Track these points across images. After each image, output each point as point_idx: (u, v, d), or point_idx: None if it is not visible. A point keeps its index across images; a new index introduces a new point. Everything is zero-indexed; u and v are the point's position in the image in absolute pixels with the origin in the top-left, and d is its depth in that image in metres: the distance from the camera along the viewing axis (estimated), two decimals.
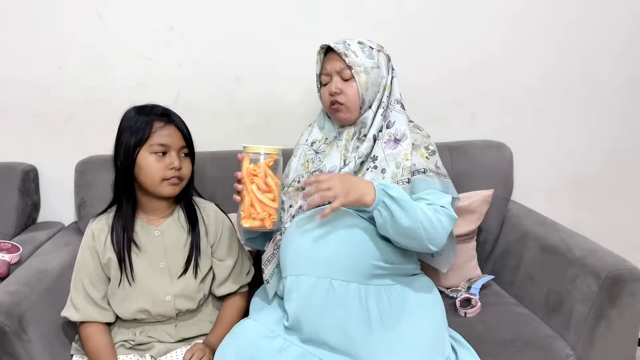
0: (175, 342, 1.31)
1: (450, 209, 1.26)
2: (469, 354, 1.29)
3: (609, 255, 1.44)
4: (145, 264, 1.30)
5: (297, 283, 1.20)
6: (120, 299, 1.29)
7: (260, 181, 1.18)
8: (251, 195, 1.18)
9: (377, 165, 1.30)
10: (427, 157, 1.32)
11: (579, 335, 1.41)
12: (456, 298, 1.57)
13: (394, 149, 1.30)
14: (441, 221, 1.22)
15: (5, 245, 1.49)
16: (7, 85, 1.70)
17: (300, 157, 1.42)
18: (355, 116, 1.34)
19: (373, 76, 1.32)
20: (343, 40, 1.33)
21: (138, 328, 1.32)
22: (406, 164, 1.27)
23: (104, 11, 1.68)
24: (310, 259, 1.21)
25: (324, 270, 1.20)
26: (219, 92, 1.79)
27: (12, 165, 1.70)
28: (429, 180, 1.28)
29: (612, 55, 1.93)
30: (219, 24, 1.73)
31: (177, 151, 1.29)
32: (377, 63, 1.34)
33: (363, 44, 1.34)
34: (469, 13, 1.82)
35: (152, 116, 1.28)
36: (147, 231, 1.32)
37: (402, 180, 1.26)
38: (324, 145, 1.40)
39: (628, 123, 2.01)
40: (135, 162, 1.26)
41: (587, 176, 2.04)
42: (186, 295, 1.31)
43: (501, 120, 1.93)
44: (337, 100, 1.32)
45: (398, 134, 1.32)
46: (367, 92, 1.32)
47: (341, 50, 1.30)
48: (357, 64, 1.30)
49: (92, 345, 1.26)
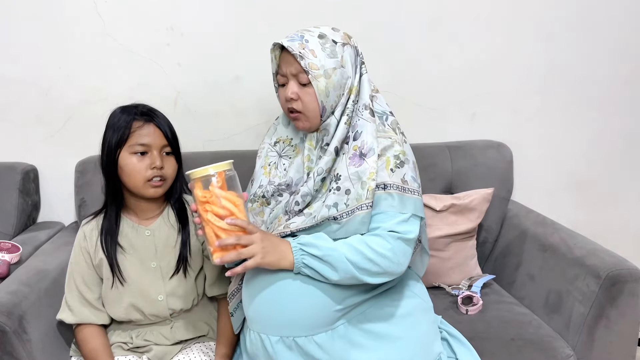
0: (172, 344, 1.31)
1: (402, 231, 1.14)
2: (468, 353, 1.29)
3: (609, 255, 1.44)
4: (136, 264, 1.30)
5: (261, 341, 1.17)
6: (113, 299, 1.29)
7: (215, 207, 1.06)
8: (211, 226, 1.06)
9: (340, 186, 1.15)
10: (392, 169, 1.16)
11: (579, 335, 1.41)
12: (458, 295, 1.57)
13: (359, 166, 1.15)
14: (388, 250, 1.11)
15: (5, 245, 1.49)
16: (7, 85, 1.70)
17: (262, 158, 1.31)
18: (316, 124, 1.19)
19: (335, 79, 1.15)
20: (300, 34, 1.15)
21: (134, 330, 1.31)
22: (371, 185, 1.13)
23: (104, 11, 1.68)
24: (270, 318, 1.16)
25: (286, 330, 1.15)
26: (219, 92, 1.79)
27: (12, 165, 1.70)
28: (385, 198, 1.15)
29: (612, 55, 1.93)
30: (218, 24, 1.73)
31: (159, 150, 1.26)
32: (341, 62, 1.16)
33: (324, 38, 1.16)
34: (469, 13, 1.82)
35: (132, 115, 1.25)
36: (137, 231, 1.31)
37: (365, 204, 1.13)
38: (289, 148, 1.28)
39: (628, 123, 2.01)
40: (118, 164, 1.24)
41: (587, 176, 2.04)
42: (178, 294, 1.31)
43: (501, 120, 1.93)
44: (293, 107, 1.17)
45: (364, 148, 1.16)
46: (327, 99, 1.15)
47: (296, 51, 1.12)
48: (314, 67, 1.13)
49: (89, 348, 1.26)
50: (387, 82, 1.31)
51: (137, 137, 1.24)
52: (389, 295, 1.24)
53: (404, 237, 1.14)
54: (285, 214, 1.21)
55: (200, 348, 1.32)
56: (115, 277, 1.27)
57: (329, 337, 1.15)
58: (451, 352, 1.29)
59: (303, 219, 1.18)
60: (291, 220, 1.19)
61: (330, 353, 1.14)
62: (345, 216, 1.14)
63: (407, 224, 1.15)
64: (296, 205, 1.19)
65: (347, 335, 1.16)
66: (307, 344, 1.14)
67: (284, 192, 1.24)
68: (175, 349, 1.31)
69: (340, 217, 1.15)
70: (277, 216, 1.23)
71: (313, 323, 1.14)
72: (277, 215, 1.23)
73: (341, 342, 1.15)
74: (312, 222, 1.16)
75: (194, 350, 1.31)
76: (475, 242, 1.75)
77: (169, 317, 1.31)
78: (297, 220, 1.18)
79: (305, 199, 1.18)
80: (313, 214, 1.17)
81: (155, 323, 1.32)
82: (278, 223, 1.21)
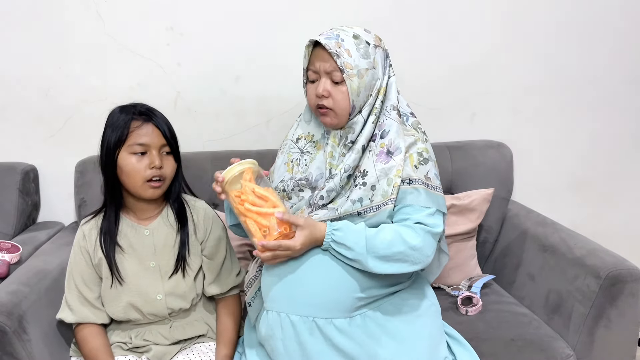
0: (170, 344, 1.31)
1: (430, 224, 1.16)
2: (467, 354, 1.29)
3: (609, 255, 1.44)
4: (135, 263, 1.30)
5: (279, 320, 1.18)
6: (112, 298, 1.29)
7: (250, 197, 1.11)
8: (250, 215, 1.11)
9: (366, 181, 1.18)
10: (416, 165, 1.19)
11: (579, 335, 1.41)
12: (457, 296, 1.57)
13: (386, 163, 1.18)
14: (419, 242, 1.14)
15: (5, 245, 1.49)
16: (7, 85, 1.70)
17: (285, 154, 1.33)
18: (343, 122, 1.22)
19: (367, 79, 1.18)
20: (336, 34, 1.18)
21: (133, 330, 1.31)
22: (397, 182, 1.16)
23: (104, 11, 1.68)
24: (292, 297, 1.18)
25: (306, 309, 1.17)
26: (219, 92, 1.79)
27: (12, 165, 1.70)
28: (412, 192, 1.18)
29: (611, 55, 1.93)
30: (218, 24, 1.73)
31: (158, 150, 1.26)
32: (373, 63, 1.20)
33: (359, 39, 1.19)
34: (469, 12, 1.82)
35: (130, 115, 1.25)
36: (136, 231, 1.31)
37: (391, 200, 1.16)
38: (310, 145, 1.29)
39: (628, 123, 2.01)
40: (117, 163, 1.24)
41: (587, 176, 2.04)
42: (177, 294, 1.31)
43: (501, 120, 1.93)
44: (323, 104, 1.20)
45: (392, 146, 1.19)
46: (358, 98, 1.19)
47: (333, 50, 1.15)
48: (349, 66, 1.16)
49: (89, 348, 1.26)
50: None
51: (136, 137, 1.23)
52: (403, 295, 1.26)
53: (432, 230, 1.16)
54: (308, 207, 1.24)
55: (199, 348, 1.32)
56: (114, 276, 1.28)
57: (347, 324, 1.17)
58: (450, 354, 1.29)
59: (326, 212, 1.21)
60: (313, 213, 1.21)
61: (349, 340, 1.16)
62: (370, 211, 1.17)
63: (433, 218, 1.18)
64: (320, 200, 1.22)
65: (364, 326, 1.18)
66: (326, 326, 1.16)
67: (304, 188, 1.26)
68: (175, 349, 1.31)
69: (364, 212, 1.18)
70: (300, 208, 1.25)
71: (334, 305, 1.17)
72: (300, 208, 1.25)
73: (359, 331, 1.17)
74: (335, 215, 1.19)
75: (193, 350, 1.31)
76: (475, 243, 1.75)
77: (168, 316, 1.31)
78: (320, 213, 1.21)
79: (330, 194, 1.21)
80: (337, 208, 1.20)
81: (154, 322, 1.32)
82: (301, 215, 1.23)
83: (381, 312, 1.21)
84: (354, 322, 1.18)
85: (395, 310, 1.22)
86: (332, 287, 1.17)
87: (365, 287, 1.18)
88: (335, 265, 1.17)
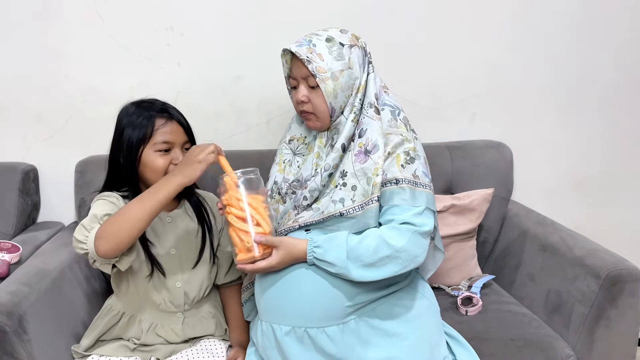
0: (181, 342, 1.32)
1: (418, 223, 1.15)
2: (467, 354, 1.29)
3: (609, 255, 1.44)
4: (158, 249, 1.31)
5: (272, 331, 1.20)
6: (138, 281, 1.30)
7: (234, 209, 1.12)
8: (233, 228, 1.13)
9: (346, 182, 1.19)
10: (402, 165, 1.18)
11: (579, 335, 1.41)
12: (457, 296, 1.57)
13: (364, 162, 1.19)
14: (405, 243, 1.14)
15: (5, 245, 1.49)
16: (7, 85, 1.70)
17: (277, 155, 1.36)
18: (327, 124, 1.24)
19: (343, 80, 1.19)
20: (308, 39, 1.20)
21: (146, 323, 1.31)
22: (376, 180, 1.16)
23: (104, 11, 1.68)
24: (282, 309, 1.19)
25: (298, 320, 1.18)
26: (219, 92, 1.79)
27: (12, 165, 1.70)
28: (398, 192, 1.17)
29: (611, 55, 1.93)
30: (218, 24, 1.73)
31: (181, 147, 1.28)
32: (349, 63, 1.20)
33: (332, 41, 1.19)
34: (469, 13, 1.82)
35: (153, 112, 1.26)
36: (159, 218, 1.32)
37: (372, 199, 1.17)
38: (303, 146, 1.32)
39: (628, 123, 2.01)
40: (140, 160, 1.25)
41: (587, 176, 2.04)
42: (193, 283, 1.33)
43: (501, 120, 1.93)
44: (304, 109, 1.23)
45: (369, 145, 1.19)
46: (336, 100, 1.19)
47: (303, 56, 1.16)
48: (322, 70, 1.17)
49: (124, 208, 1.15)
50: (387, 82, 1.32)
51: (162, 135, 1.25)
52: (399, 295, 1.26)
53: (419, 229, 1.16)
54: (294, 209, 1.25)
55: (205, 346, 1.32)
56: (156, 269, 1.28)
57: (340, 331, 1.17)
58: (450, 354, 1.29)
59: (311, 213, 1.21)
60: (300, 215, 1.23)
61: (340, 346, 1.16)
62: (353, 212, 1.18)
63: (422, 217, 1.17)
64: (304, 200, 1.22)
65: (357, 331, 1.18)
66: (318, 335, 1.17)
67: (296, 190, 1.27)
68: (182, 347, 1.32)
69: (347, 213, 1.18)
70: (287, 211, 1.26)
71: (325, 315, 1.17)
72: (287, 210, 1.26)
73: (351, 337, 1.17)
74: (320, 217, 1.19)
75: (199, 349, 1.32)
76: (475, 243, 1.75)
77: (182, 306, 1.33)
78: (306, 215, 1.22)
79: (313, 194, 1.22)
80: (321, 208, 1.21)
81: (168, 313, 1.32)
82: (288, 217, 1.25)
83: (377, 314, 1.21)
84: (347, 328, 1.18)
85: (393, 311, 1.22)
86: (322, 298, 1.17)
87: (355, 294, 1.18)
88: (324, 276, 1.18)
